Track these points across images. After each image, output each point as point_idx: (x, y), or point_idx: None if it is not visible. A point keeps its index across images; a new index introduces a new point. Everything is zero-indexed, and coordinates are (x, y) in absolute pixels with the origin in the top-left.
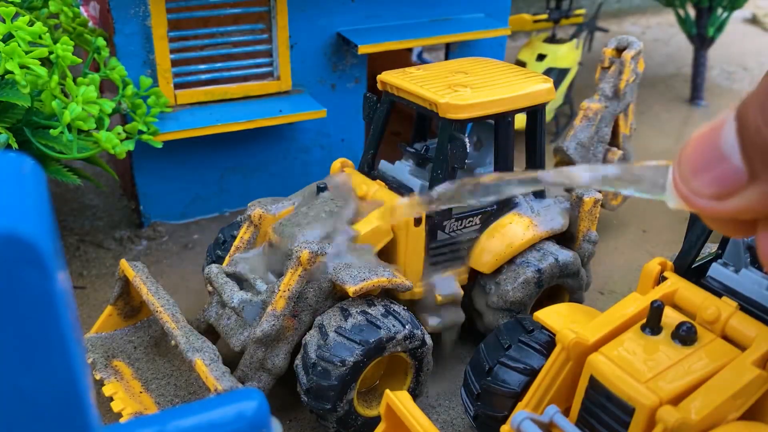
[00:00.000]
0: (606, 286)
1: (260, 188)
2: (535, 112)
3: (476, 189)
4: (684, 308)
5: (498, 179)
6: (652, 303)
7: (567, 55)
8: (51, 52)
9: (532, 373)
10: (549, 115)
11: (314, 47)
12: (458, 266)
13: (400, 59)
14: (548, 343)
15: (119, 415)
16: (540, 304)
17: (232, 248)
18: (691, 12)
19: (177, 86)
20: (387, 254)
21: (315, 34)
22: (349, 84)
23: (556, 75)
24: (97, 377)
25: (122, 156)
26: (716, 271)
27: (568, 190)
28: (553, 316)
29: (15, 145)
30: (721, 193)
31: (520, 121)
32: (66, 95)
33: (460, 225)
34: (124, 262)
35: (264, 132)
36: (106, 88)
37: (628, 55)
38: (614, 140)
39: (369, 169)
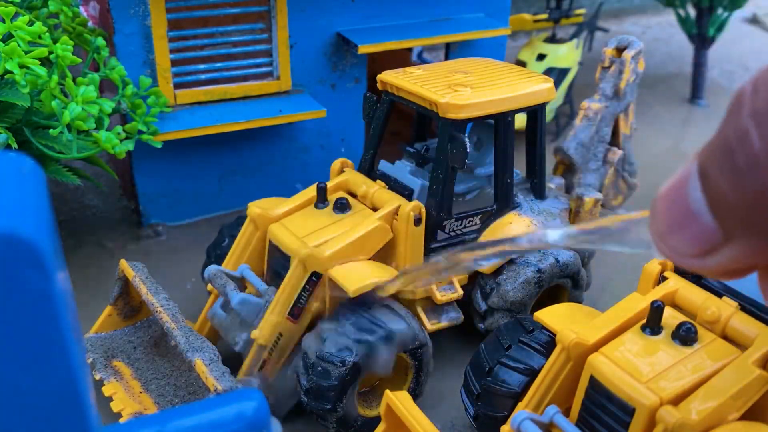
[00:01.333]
0: (606, 286)
1: (260, 188)
2: (535, 112)
3: (451, 265)
4: (684, 308)
5: (471, 254)
6: (653, 303)
7: (567, 54)
8: (51, 52)
9: (532, 374)
10: (549, 115)
11: (314, 47)
12: None
13: (400, 59)
14: (548, 343)
15: (119, 415)
16: (540, 304)
17: (232, 248)
18: (692, 12)
19: (177, 86)
20: (387, 254)
21: (315, 34)
22: (349, 84)
23: (557, 75)
24: (97, 377)
25: (122, 156)
26: None
27: (568, 191)
28: (553, 316)
29: (15, 145)
30: (701, 252)
31: (520, 121)
32: (66, 95)
33: (461, 225)
34: (123, 262)
35: (264, 132)
36: (106, 87)
37: (628, 54)
38: (614, 140)
39: (369, 169)
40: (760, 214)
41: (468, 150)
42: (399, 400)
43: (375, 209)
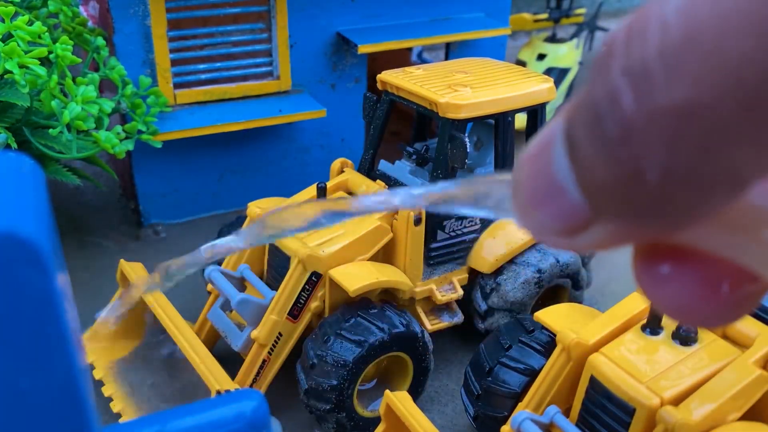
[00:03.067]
0: (606, 286)
1: (260, 188)
2: (535, 112)
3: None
4: None
5: (296, 216)
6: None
7: (567, 54)
8: (50, 52)
9: (532, 374)
10: (549, 114)
11: (314, 47)
12: (458, 266)
13: (400, 59)
14: (549, 343)
15: (119, 415)
16: (540, 304)
17: None
18: None
19: (176, 86)
20: (387, 254)
21: (315, 33)
22: (349, 84)
23: (557, 74)
24: (97, 377)
25: (122, 156)
26: None
27: None
28: (553, 316)
29: (14, 145)
30: (567, 229)
31: (520, 121)
32: (65, 95)
33: (461, 225)
34: (123, 263)
35: (263, 132)
36: (106, 87)
37: None
38: None
39: (369, 169)
40: (634, 193)
41: (468, 150)
42: (399, 400)
43: None
